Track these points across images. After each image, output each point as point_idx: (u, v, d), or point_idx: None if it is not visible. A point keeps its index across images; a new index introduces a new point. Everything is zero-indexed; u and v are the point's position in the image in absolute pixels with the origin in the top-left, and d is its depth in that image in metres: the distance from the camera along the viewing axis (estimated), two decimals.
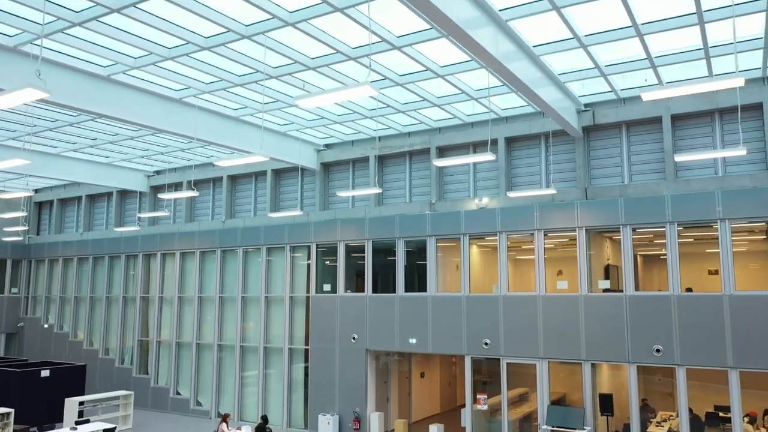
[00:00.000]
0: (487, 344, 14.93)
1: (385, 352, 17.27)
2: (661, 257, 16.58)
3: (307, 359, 18.00)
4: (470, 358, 15.29)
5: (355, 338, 16.99)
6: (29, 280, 26.69)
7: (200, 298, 20.57)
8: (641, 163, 14.57)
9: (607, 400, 13.85)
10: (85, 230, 25.18)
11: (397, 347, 16.42)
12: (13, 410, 16.24)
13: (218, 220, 21.21)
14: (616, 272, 14.94)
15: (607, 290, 14.29)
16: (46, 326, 25.42)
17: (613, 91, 13.87)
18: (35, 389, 17.86)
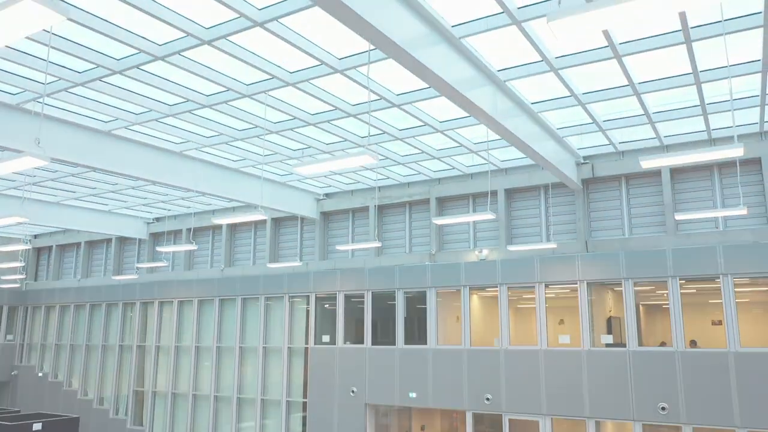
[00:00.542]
0: (489, 399, 14.63)
1: (385, 406, 16.92)
2: (663, 306, 16.37)
3: (305, 409, 17.62)
4: (471, 413, 14.96)
5: (354, 391, 16.66)
6: (25, 326, 26.33)
7: (197, 347, 20.28)
8: (642, 216, 14.53)
9: None
10: (83, 276, 25.00)
11: (397, 401, 16.09)
12: None
13: (217, 268, 21.07)
14: (618, 324, 14.72)
15: (609, 345, 14.07)
16: (40, 375, 24.98)
17: (611, 144, 13.92)
18: None
